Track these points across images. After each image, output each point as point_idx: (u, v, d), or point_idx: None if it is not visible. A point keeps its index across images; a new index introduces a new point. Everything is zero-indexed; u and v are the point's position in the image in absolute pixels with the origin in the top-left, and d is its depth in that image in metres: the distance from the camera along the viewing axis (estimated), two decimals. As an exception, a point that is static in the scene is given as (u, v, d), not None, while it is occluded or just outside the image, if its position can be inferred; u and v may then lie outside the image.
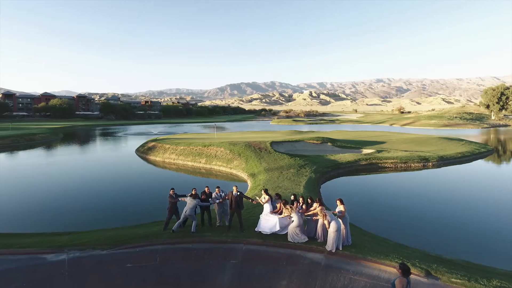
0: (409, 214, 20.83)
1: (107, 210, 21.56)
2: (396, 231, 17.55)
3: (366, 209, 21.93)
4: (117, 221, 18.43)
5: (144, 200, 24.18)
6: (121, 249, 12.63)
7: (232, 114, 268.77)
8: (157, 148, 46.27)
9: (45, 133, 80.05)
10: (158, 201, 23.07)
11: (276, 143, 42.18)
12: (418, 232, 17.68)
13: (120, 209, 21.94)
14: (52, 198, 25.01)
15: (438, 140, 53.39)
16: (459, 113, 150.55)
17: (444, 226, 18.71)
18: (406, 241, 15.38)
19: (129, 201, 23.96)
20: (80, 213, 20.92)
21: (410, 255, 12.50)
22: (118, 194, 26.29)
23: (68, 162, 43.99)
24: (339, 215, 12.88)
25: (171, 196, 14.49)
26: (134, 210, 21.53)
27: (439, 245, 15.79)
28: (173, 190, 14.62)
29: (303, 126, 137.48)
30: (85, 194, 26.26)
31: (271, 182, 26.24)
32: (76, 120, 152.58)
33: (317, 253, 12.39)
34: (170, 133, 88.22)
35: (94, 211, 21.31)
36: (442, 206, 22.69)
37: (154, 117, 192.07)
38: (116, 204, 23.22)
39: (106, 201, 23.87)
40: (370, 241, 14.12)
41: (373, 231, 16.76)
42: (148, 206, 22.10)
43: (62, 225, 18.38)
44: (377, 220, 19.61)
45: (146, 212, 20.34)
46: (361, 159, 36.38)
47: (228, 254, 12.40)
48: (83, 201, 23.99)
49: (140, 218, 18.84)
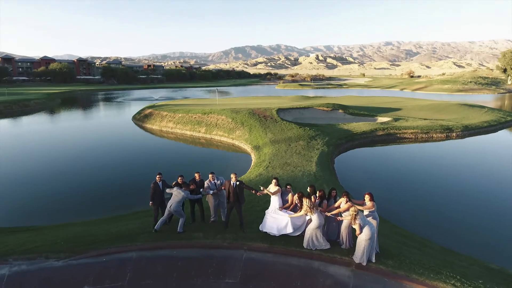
0: (441, 199, 17.50)
1: (84, 193, 18.34)
2: (430, 223, 14.38)
3: (388, 189, 18.70)
4: (92, 209, 15.49)
5: (132, 178, 20.93)
6: (82, 258, 9.57)
7: (237, 78, 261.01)
8: (153, 115, 42.78)
9: (40, 98, 76.43)
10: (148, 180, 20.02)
11: (282, 111, 38.43)
12: (458, 225, 14.42)
13: (101, 191, 18.68)
14: (20, 178, 21.22)
15: (459, 107, 49.13)
16: (473, 78, 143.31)
17: (490, 216, 15.41)
18: (449, 241, 12.23)
19: (114, 181, 20.66)
20: (52, 197, 17.69)
21: (467, 270, 9.31)
22: (102, 172, 22.72)
23: (55, 131, 40.77)
24: (370, 215, 9.61)
25: (155, 185, 11.17)
26: (117, 192, 18.36)
27: (489, 247, 12.59)
28: (160, 176, 11.28)
29: (310, 90, 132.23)
30: (64, 172, 22.68)
31: (278, 157, 22.91)
32: (77, 85, 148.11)
33: (342, 266, 9.24)
34: (172, 98, 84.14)
35: (68, 194, 18.11)
36: (482, 187, 19.28)
37: (156, 81, 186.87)
38: (99, 185, 19.85)
39: (86, 181, 20.50)
40: (407, 245, 10.93)
41: (401, 223, 13.59)
42: (135, 187, 18.72)
43: (24, 214, 15.36)
44: (403, 204, 16.41)
45: (131, 195, 17.24)
46: (377, 129, 32.72)
47: (223, 267, 9.29)
48: (59, 181, 20.52)
49: (123, 203, 15.83)
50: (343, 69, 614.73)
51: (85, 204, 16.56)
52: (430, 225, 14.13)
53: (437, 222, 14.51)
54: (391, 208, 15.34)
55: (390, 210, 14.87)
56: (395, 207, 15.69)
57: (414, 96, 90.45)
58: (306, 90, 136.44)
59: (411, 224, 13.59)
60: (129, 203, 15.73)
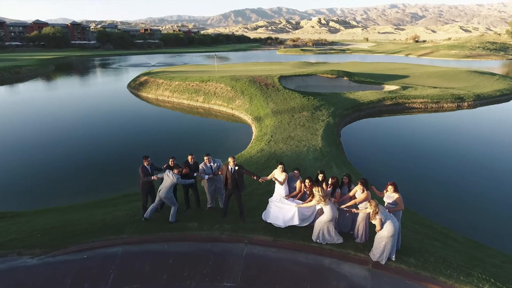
0: (461, 179, 16.19)
1: (69, 171, 16.83)
2: (450, 208, 13.11)
3: (399, 167, 17.39)
4: (77, 190, 14.24)
5: (124, 154, 19.37)
6: (60, 254, 8.38)
7: (236, 43, 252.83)
8: (149, 83, 40.71)
9: (32, 65, 73.42)
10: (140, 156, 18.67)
11: (285, 78, 36.39)
12: (481, 210, 13.12)
13: (88, 168, 17.19)
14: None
15: (468, 75, 46.82)
16: (481, 43, 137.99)
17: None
18: (473, 230, 11.01)
19: (103, 157, 19.02)
20: (32, 176, 16.17)
21: (501, 270, 8.13)
22: (90, 147, 20.92)
23: (42, 100, 38.68)
24: (392, 207, 8.30)
25: (144, 169, 9.79)
26: (106, 170, 16.89)
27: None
28: (148, 160, 9.85)
29: (312, 56, 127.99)
30: (47, 146, 21.02)
31: (281, 129, 21.41)
32: (71, 50, 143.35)
33: (357, 264, 8.07)
34: (170, 64, 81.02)
35: (51, 173, 16.64)
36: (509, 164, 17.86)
37: (154, 46, 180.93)
38: (86, 161, 18.25)
39: (72, 157, 18.84)
40: (428, 236, 9.72)
41: (417, 208, 12.27)
42: (126, 164, 17.13)
43: (3, 196, 14.02)
44: (417, 185, 15.10)
45: (121, 174, 15.87)
46: (385, 98, 30.95)
47: (220, 266, 8.11)
48: (42, 158, 18.83)
49: (111, 183, 14.56)
50: (346, 33, 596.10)
51: (70, 184, 15.20)
52: (450, 210, 12.85)
53: (457, 206, 13.22)
54: (403, 189, 14.00)
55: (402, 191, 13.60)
56: (408, 188, 14.37)
57: (419, 62, 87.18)
58: (308, 55, 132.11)
59: (427, 209, 12.34)
60: (118, 183, 14.35)
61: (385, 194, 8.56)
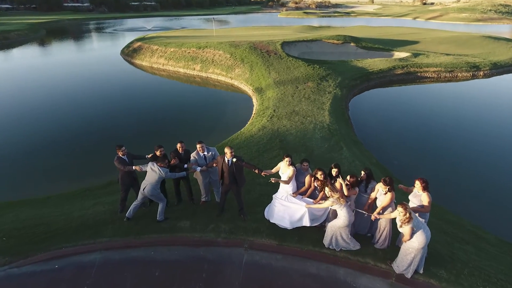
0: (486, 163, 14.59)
1: (50, 152, 15.21)
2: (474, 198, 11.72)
3: (415, 148, 15.86)
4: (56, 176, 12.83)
5: (111, 133, 17.69)
6: (27, 264, 7.11)
7: (236, 5, 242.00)
8: (143, 49, 38.25)
9: (22, 29, 69.76)
10: (130, 134, 17.13)
11: (287, 44, 34.00)
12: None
13: (71, 149, 15.52)
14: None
15: (483, 40, 44.03)
16: (493, 6, 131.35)
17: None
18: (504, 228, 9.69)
19: (88, 136, 17.22)
20: (6, 158, 14.56)
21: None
22: (74, 123, 18.93)
23: (27, 67, 36.28)
24: (418, 208, 6.89)
25: (121, 160, 8.31)
26: (91, 152, 15.26)
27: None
28: (123, 150, 8.34)
29: (315, 19, 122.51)
30: (25, 122, 19.06)
31: (284, 103, 19.69)
32: (64, 14, 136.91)
33: (377, 277, 6.81)
34: (166, 28, 77.11)
35: (29, 154, 15.03)
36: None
37: (150, 9, 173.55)
38: (69, 140, 16.55)
39: (54, 136, 17.08)
40: (458, 239, 8.38)
41: (440, 200, 10.69)
42: (113, 143, 15.60)
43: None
44: (436, 169, 13.60)
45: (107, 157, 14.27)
46: (396, 66, 28.83)
47: (215, 279, 6.84)
48: (20, 136, 17.03)
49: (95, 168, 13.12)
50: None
51: (49, 168, 13.62)
52: (476, 201, 11.44)
53: (483, 196, 11.81)
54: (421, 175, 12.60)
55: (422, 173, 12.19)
56: (426, 174, 12.89)
57: (428, 26, 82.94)
58: (311, 19, 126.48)
59: (451, 201, 10.94)
60: (102, 168, 12.60)
61: (412, 191, 7.14)
